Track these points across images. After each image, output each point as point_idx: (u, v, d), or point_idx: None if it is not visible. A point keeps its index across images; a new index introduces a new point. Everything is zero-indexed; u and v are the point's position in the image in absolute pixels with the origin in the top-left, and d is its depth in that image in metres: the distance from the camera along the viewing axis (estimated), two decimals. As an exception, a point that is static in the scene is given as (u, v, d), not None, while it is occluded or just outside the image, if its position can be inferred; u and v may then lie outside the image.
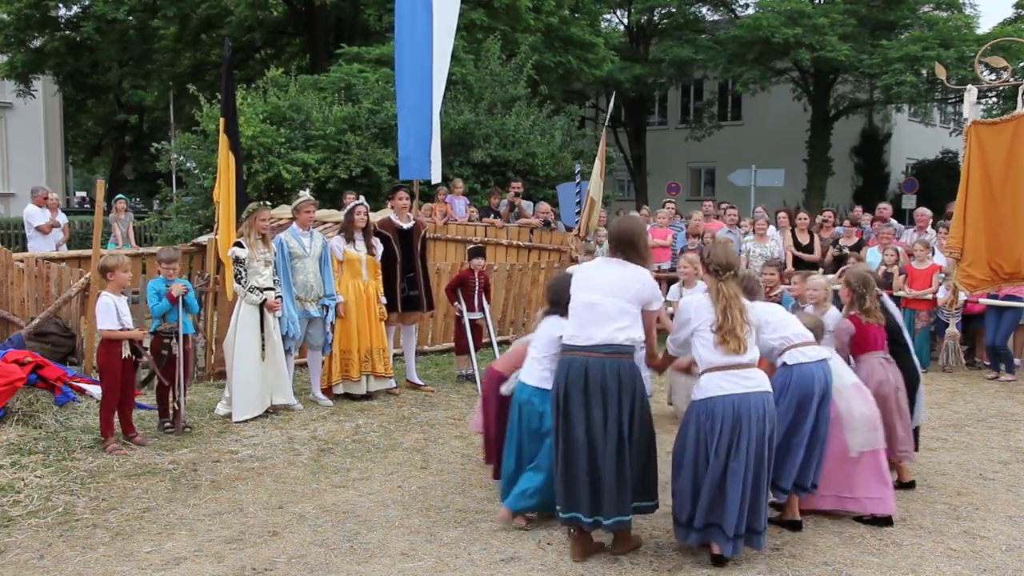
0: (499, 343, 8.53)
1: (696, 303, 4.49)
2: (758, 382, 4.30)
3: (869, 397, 5.08)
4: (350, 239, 7.58)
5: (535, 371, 4.87)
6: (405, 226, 8.09)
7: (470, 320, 8.32)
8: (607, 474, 4.26)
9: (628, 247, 4.54)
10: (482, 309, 8.45)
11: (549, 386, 4.67)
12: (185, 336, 6.51)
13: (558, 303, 4.85)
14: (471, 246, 9.01)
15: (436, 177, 10.04)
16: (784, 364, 4.81)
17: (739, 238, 11.19)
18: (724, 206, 12.30)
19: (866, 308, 5.37)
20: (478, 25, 18.40)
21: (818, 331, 5.08)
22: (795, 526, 4.84)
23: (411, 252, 8.08)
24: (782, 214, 11.52)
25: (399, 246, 7.98)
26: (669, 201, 12.96)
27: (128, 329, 6.11)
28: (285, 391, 7.19)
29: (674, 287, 9.28)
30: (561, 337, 4.61)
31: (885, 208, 11.75)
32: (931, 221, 10.84)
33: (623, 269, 4.48)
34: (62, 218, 12.36)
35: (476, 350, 8.39)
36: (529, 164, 15.11)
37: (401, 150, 10.06)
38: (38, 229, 11.97)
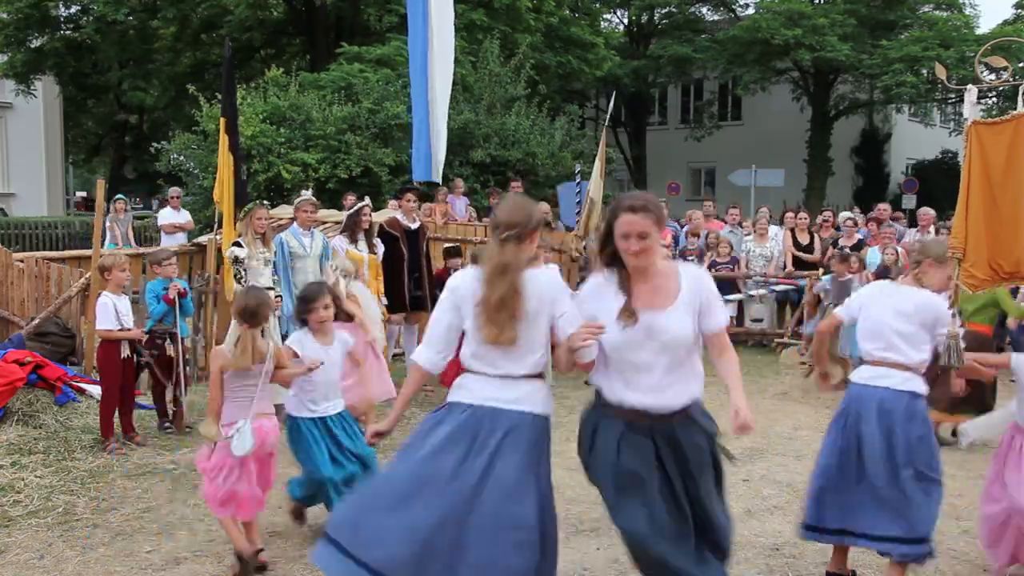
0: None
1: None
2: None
3: None
4: (354, 239, 7.58)
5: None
6: (412, 226, 8.13)
7: None
8: None
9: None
10: None
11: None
12: (181, 338, 6.51)
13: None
14: (446, 246, 8.99)
15: (437, 177, 10.06)
16: None
17: (740, 238, 11.20)
18: (731, 210, 12.28)
19: None
20: (478, 25, 18.39)
21: None
22: None
23: (417, 252, 8.11)
24: (790, 214, 11.51)
25: (406, 247, 8.01)
26: (663, 200, 12.98)
27: (127, 329, 6.11)
28: (284, 391, 7.17)
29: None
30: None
31: (884, 209, 11.74)
32: (934, 221, 10.81)
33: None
34: (185, 216, 13.07)
35: None
36: (529, 164, 15.10)
37: (414, 151, 10.09)
38: (162, 228, 12.80)
